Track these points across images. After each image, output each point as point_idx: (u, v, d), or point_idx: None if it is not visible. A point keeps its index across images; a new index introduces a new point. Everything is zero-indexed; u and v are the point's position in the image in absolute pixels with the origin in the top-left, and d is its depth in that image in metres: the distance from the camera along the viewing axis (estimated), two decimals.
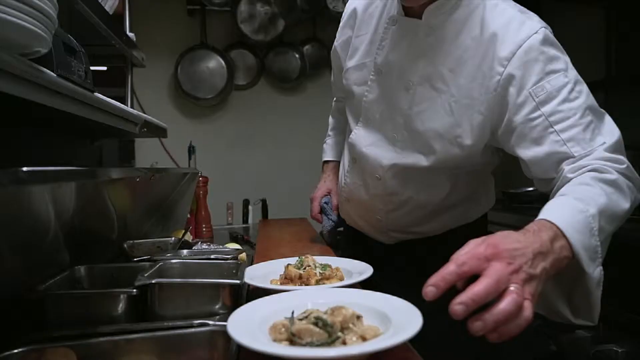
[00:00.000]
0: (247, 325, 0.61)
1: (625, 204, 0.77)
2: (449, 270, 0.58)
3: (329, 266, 0.90)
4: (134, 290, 0.76)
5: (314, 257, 0.95)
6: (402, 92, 1.00)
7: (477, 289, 0.54)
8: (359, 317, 0.62)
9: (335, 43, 1.21)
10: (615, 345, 1.27)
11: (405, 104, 1.00)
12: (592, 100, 0.87)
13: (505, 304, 0.55)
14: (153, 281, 0.77)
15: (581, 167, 0.80)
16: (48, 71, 0.75)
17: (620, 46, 2.17)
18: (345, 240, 1.32)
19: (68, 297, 0.77)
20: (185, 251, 1.09)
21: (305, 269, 0.88)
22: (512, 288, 0.56)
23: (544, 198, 1.94)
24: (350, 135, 1.15)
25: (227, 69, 2.84)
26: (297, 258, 0.94)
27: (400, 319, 0.63)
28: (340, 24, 1.18)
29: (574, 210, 0.70)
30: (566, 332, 1.36)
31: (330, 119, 1.45)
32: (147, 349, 0.70)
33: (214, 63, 2.84)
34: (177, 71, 2.78)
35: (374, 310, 0.67)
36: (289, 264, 0.91)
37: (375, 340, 0.58)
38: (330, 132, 1.44)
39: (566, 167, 0.82)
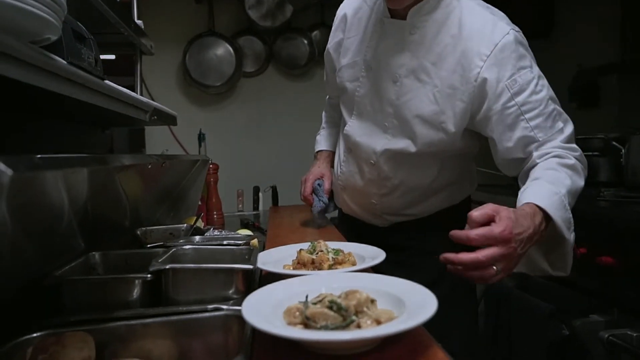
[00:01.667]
0: (261, 309, 0.62)
1: (581, 182, 0.98)
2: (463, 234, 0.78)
3: (342, 251, 0.90)
4: (149, 275, 0.77)
5: (326, 242, 0.95)
6: (390, 84, 1.11)
7: (465, 257, 0.76)
8: (373, 301, 0.62)
9: (328, 46, 1.31)
10: (629, 329, 1.26)
11: (394, 95, 1.11)
12: (551, 92, 1.04)
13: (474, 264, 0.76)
14: (167, 266, 0.78)
15: (546, 154, 0.98)
16: (59, 58, 0.75)
17: (635, 30, 2.11)
18: (343, 227, 1.40)
19: (84, 282, 0.78)
20: (197, 237, 1.10)
21: (317, 254, 0.88)
22: (494, 268, 0.76)
23: None
24: (345, 128, 1.25)
25: (236, 56, 2.83)
26: (309, 243, 0.94)
27: (414, 303, 0.62)
28: (332, 29, 1.29)
29: (551, 193, 0.88)
30: (579, 317, 1.35)
31: (324, 114, 1.55)
32: (163, 333, 0.70)
33: (222, 50, 2.83)
34: (185, 59, 2.78)
35: (388, 294, 0.66)
36: (301, 249, 0.91)
37: (390, 324, 0.57)
38: (323, 125, 1.54)
39: (535, 152, 1.00)
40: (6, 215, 0.57)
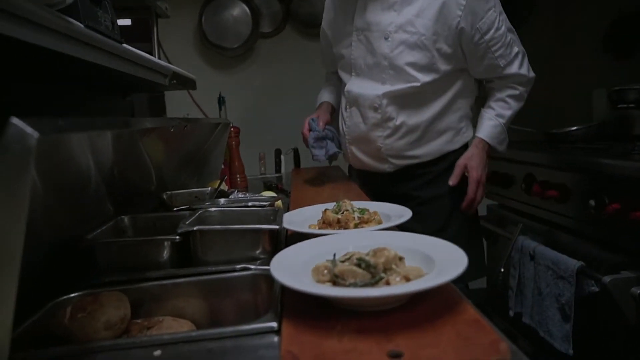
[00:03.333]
0: (289, 268, 0.62)
1: (522, 103, 1.41)
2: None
3: (367, 210, 0.90)
4: (177, 237, 0.78)
5: (352, 201, 0.94)
6: (382, 41, 1.31)
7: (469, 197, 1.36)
8: (401, 259, 0.62)
9: (323, 24, 1.54)
10: None
11: (387, 49, 1.30)
12: (508, 23, 1.33)
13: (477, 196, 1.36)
14: (195, 228, 0.79)
15: (504, 83, 1.38)
16: (75, 22, 0.74)
17: None
18: (356, 181, 1.57)
19: (116, 245, 0.80)
20: (222, 200, 1.11)
21: (343, 213, 0.87)
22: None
23: (587, 138, 1.85)
24: (346, 87, 1.42)
25: (252, 16, 2.76)
26: (334, 203, 0.94)
27: (443, 260, 0.62)
28: (325, 9, 1.53)
29: (495, 125, 1.39)
30: (610, 273, 1.32)
31: (324, 84, 1.74)
32: (194, 292, 0.72)
33: (238, 10, 2.76)
34: (201, 21, 2.72)
35: (417, 252, 0.66)
36: (326, 209, 0.91)
37: (419, 281, 0.57)
38: (323, 86, 1.72)
39: (499, 75, 1.36)
40: (36, 179, 0.58)
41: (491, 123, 1.39)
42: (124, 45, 0.94)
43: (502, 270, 1.81)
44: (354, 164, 1.52)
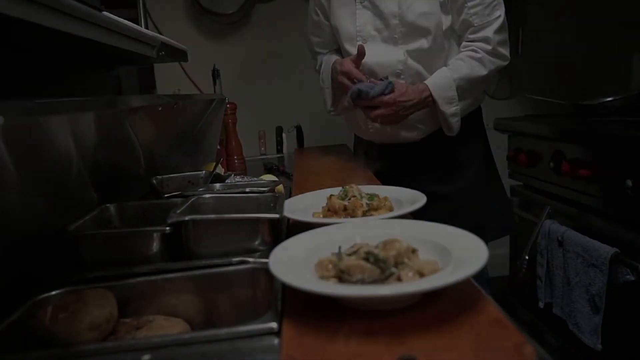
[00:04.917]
0: (290, 262, 0.61)
1: (483, 72, 1.37)
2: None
3: (377, 196, 0.89)
4: (167, 228, 0.77)
5: (360, 186, 0.93)
6: (389, 0, 1.37)
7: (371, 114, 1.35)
8: (414, 251, 0.61)
9: None
10: None
11: (396, 7, 1.37)
12: None
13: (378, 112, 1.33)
14: (187, 218, 0.78)
15: (468, 45, 1.38)
16: None
17: None
18: (376, 162, 1.54)
19: (101, 236, 0.79)
20: (218, 185, 1.10)
21: (350, 199, 0.86)
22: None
23: (624, 110, 1.81)
24: None
25: None
26: (340, 188, 0.93)
27: (461, 252, 0.61)
28: None
29: (443, 77, 1.36)
30: None
31: (320, 67, 1.66)
32: (187, 289, 0.72)
33: None
34: None
35: (432, 243, 0.65)
36: (331, 195, 0.90)
37: (435, 276, 0.56)
38: (323, 58, 1.64)
39: (464, 42, 1.40)
40: (10, 166, 0.57)
41: (439, 74, 1.37)
42: (105, 12, 0.92)
43: (527, 257, 1.80)
44: (376, 138, 1.53)
